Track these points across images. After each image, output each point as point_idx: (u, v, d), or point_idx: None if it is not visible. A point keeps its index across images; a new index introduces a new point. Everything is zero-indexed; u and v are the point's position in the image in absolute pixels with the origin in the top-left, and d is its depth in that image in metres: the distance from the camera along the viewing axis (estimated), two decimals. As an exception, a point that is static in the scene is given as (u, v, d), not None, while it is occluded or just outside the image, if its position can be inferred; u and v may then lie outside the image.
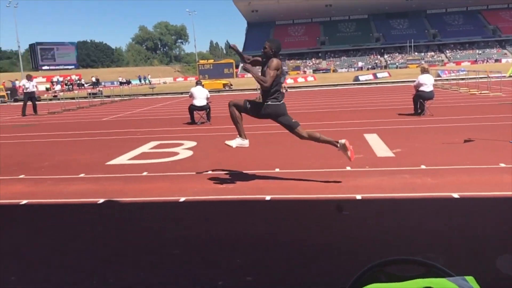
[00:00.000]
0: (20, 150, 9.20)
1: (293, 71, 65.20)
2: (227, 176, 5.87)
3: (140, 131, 10.87)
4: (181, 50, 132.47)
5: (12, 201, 5.19)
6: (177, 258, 3.37)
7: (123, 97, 27.53)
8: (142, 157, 7.54)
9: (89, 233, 4.08)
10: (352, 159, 5.30)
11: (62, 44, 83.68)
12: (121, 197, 5.05)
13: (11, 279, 3.17)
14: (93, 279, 3.10)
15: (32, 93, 18.07)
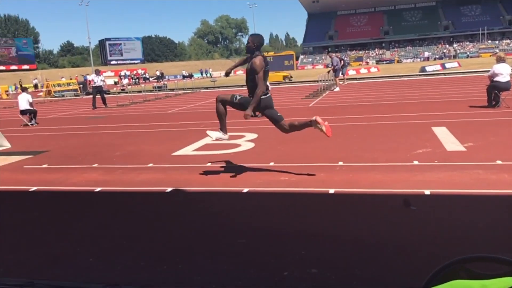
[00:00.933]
0: (93, 140, 9.77)
1: (355, 62, 63.66)
2: (289, 168, 5.87)
3: (203, 123, 11.14)
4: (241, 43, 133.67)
5: (87, 188, 5.54)
6: (243, 247, 3.43)
7: (186, 90, 28.34)
8: (205, 148, 7.73)
9: (158, 221, 4.26)
10: (329, 134, 5.28)
11: (129, 39, 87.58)
12: (187, 187, 5.22)
13: (90, 260, 3.40)
14: (163, 264, 3.24)
15: (100, 87, 19.06)
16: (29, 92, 14.58)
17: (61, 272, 3.25)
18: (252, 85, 5.35)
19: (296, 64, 62.38)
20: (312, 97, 16.95)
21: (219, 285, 2.85)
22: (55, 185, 5.80)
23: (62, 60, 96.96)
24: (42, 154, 8.20)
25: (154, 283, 2.93)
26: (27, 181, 6.13)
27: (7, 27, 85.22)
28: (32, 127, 13.26)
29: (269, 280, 2.91)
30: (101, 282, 2.89)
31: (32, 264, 3.45)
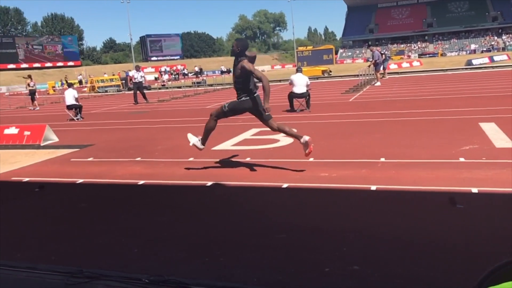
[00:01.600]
0: (135, 134, 10.04)
1: (397, 55, 62.02)
2: (330, 164, 5.81)
3: (240, 119, 11.17)
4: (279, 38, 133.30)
5: (131, 181, 5.71)
6: (283, 242, 3.43)
7: (224, 86, 28.57)
8: (244, 143, 7.78)
9: (199, 214, 4.33)
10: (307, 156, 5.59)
11: (169, 36, 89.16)
12: (227, 181, 5.28)
13: (134, 251, 3.50)
14: (205, 256, 3.29)
15: (140, 83, 19.49)
16: (74, 88, 15.15)
17: (107, 261, 3.37)
18: (240, 87, 5.59)
19: (335, 58, 61.48)
20: (352, 92, 16.67)
21: (260, 279, 2.87)
22: (100, 178, 6.01)
23: (105, 56, 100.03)
24: (88, 148, 8.51)
25: (196, 275, 2.98)
26: (74, 173, 6.39)
27: (54, 25, 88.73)
28: (78, 121, 13.78)
29: (309, 276, 2.89)
30: (146, 272, 2.98)
31: (80, 253, 3.59)
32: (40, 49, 73.67)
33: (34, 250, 3.72)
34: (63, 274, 3.11)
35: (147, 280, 2.90)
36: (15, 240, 4.00)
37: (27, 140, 9.54)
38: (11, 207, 5.08)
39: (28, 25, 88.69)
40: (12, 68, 68.01)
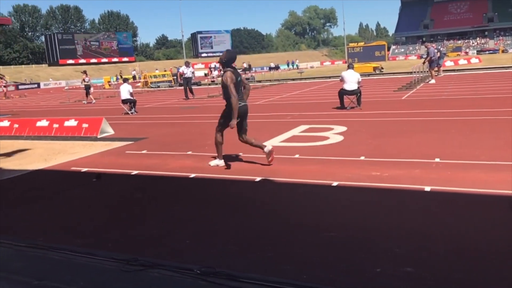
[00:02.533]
0: (186, 129, 10.28)
1: (453, 52, 59.44)
2: (381, 163, 5.67)
3: (290, 115, 11.18)
4: (329, 34, 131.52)
5: (183, 174, 5.86)
6: (333, 241, 3.40)
7: (273, 82, 28.60)
8: (293, 140, 7.75)
9: (248, 209, 4.38)
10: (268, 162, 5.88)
11: (219, 32, 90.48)
12: (276, 177, 5.29)
13: (186, 242, 3.60)
14: (254, 251, 3.33)
15: (189, 79, 19.87)
16: (129, 83, 15.71)
17: (160, 251, 3.48)
18: (226, 97, 5.84)
19: (387, 55, 59.78)
20: (405, 90, 16.17)
21: (310, 276, 2.86)
22: (153, 170, 6.21)
23: (157, 52, 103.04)
24: (142, 141, 8.81)
25: (246, 268, 3.02)
26: (129, 165, 6.64)
27: (110, 22, 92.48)
28: (132, 115, 14.29)
29: (361, 275, 2.85)
30: (197, 263, 3.06)
31: (135, 242, 3.73)
32: (97, 45, 77.01)
33: (92, 237, 3.91)
34: (119, 261, 3.25)
35: (198, 271, 2.98)
36: (75, 227, 4.22)
37: (85, 132, 10.02)
38: (71, 196, 5.37)
39: (86, 22, 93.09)
40: (71, 63, 71.58)
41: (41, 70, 69.07)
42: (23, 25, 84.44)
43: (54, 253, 3.49)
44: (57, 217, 4.57)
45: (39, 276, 3.07)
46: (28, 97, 33.88)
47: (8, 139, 10.44)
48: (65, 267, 3.25)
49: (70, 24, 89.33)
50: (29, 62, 76.78)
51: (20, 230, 4.16)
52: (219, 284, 2.82)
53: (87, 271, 3.14)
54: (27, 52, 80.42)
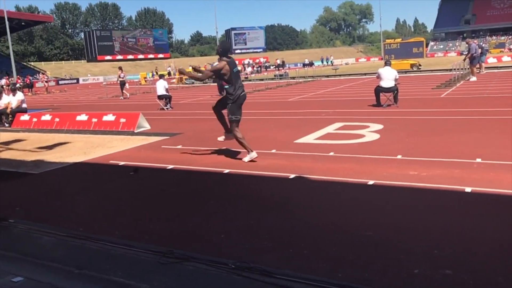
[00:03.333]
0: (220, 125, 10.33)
1: (495, 49, 57.18)
2: (419, 163, 5.53)
3: (324, 112, 11.07)
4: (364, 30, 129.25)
5: (217, 169, 5.91)
6: (369, 240, 3.35)
7: (307, 79, 28.40)
8: (328, 137, 7.67)
9: (282, 205, 4.37)
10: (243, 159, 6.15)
11: (253, 28, 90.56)
12: (311, 175, 5.25)
13: (221, 237, 3.63)
14: (289, 248, 3.32)
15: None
16: (165, 79, 15.97)
17: (195, 244, 3.52)
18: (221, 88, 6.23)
19: (425, 51, 58.15)
20: (444, 87, 15.70)
21: (345, 275, 2.83)
22: (188, 165, 6.30)
23: (192, 49, 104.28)
24: (177, 136, 8.95)
25: (280, 265, 3.01)
26: (165, 159, 6.76)
27: (146, 19, 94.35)
28: (167, 111, 14.53)
29: (397, 276, 2.79)
30: (231, 258, 3.07)
31: (170, 235, 3.80)
32: (133, 42, 78.69)
33: (129, 229, 4.01)
34: (156, 253, 3.31)
35: (233, 265, 3.00)
36: (113, 218, 4.34)
37: (123, 126, 10.27)
38: (109, 188, 5.52)
39: (123, 19, 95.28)
40: (109, 59, 73.44)
41: (80, 66, 71.31)
42: (64, 22, 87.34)
43: (93, 243, 3.60)
44: (96, 209, 4.71)
45: (79, 265, 3.18)
46: (67, 92, 35.05)
47: (49, 132, 10.83)
48: (103, 257, 3.35)
49: (108, 21, 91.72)
50: (69, 58, 79.42)
51: (61, 220, 4.31)
52: (254, 280, 2.83)
53: (125, 262, 3.22)
54: (67, 48, 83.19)
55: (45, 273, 3.11)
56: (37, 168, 6.77)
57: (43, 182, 6.06)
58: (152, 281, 2.87)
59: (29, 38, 77.67)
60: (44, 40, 79.70)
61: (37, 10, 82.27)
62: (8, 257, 3.44)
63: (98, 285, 2.90)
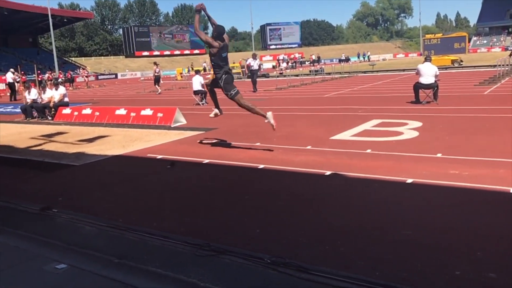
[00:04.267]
0: (254, 121, 10.31)
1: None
2: (460, 161, 5.35)
3: (361, 108, 10.89)
4: (403, 25, 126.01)
5: (252, 165, 5.92)
6: (408, 239, 3.27)
7: (343, 75, 28.01)
8: (364, 134, 7.54)
9: (318, 202, 4.34)
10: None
11: (288, 24, 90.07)
12: (347, 172, 5.18)
13: (256, 231, 3.64)
14: (325, 244, 3.29)
15: (256, 71, 19.89)
16: (201, 75, 16.14)
17: (230, 238, 3.55)
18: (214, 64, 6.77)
19: (467, 46, 56.11)
20: (487, 84, 15.11)
21: (383, 274, 2.77)
22: (224, 159, 6.34)
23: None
24: (212, 131, 9.03)
25: (316, 261, 2.99)
26: (200, 154, 6.84)
27: (183, 15, 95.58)
28: (203, 106, 14.69)
29: (437, 277, 2.72)
30: (266, 252, 3.08)
31: (206, 228, 3.84)
32: (170, 38, 79.90)
33: (166, 221, 4.09)
34: (193, 245, 3.36)
35: (269, 260, 3.00)
36: (151, 210, 4.43)
37: (160, 121, 10.46)
38: (147, 181, 5.64)
39: (161, 16, 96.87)
40: (146, 55, 74.91)
41: (119, 62, 73.08)
42: (103, 18, 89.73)
43: (132, 234, 3.69)
44: (134, 200, 4.82)
45: (119, 255, 3.27)
46: (106, 87, 36.05)
47: (89, 125, 11.17)
48: (142, 247, 3.43)
49: (145, 18, 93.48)
50: (108, 54, 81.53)
51: (101, 211, 4.44)
52: (289, 275, 2.83)
53: (162, 253, 3.29)
54: (106, 44, 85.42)
55: (86, 261, 3.21)
56: (78, 160, 7.01)
57: (84, 173, 6.26)
58: (189, 273, 2.91)
59: (70, 34, 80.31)
60: (84, 36, 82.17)
61: (78, 7, 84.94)
62: (52, 245, 3.58)
63: (136, 275, 2.97)
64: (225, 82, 6.77)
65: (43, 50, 61.04)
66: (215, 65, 6.78)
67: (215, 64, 6.78)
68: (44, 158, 7.37)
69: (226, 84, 6.78)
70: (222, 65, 6.75)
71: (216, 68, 6.77)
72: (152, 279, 2.90)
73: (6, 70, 30.55)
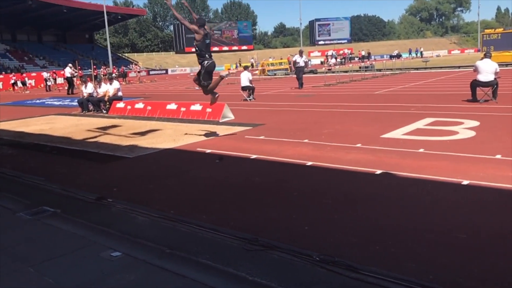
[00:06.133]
0: (302, 117, 10.31)
1: None
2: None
3: (414, 106, 10.54)
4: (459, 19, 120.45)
5: (299, 161, 5.90)
6: (463, 243, 3.15)
7: (394, 71, 27.21)
8: (417, 133, 7.30)
9: (367, 201, 4.25)
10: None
11: (337, 19, 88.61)
12: (399, 171, 5.04)
13: (305, 228, 3.62)
14: (375, 244, 3.23)
15: (302, 68, 19.64)
16: (249, 70, 16.23)
17: (279, 234, 3.55)
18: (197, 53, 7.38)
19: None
20: (551, 82, 14.18)
21: (436, 278, 2.68)
22: (271, 155, 6.35)
23: (275, 41, 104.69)
24: (259, 127, 9.07)
25: (366, 261, 2.94)
26: (248, 149, 6.89)
27: (232, 12, 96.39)
28: (250, 102, 14.78)
29: (496, 284, 2.60)
30: (315, 250, 3.06)
31: (254, 223, 3.87)
32: (219, 34, 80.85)
33: (216, 214, 4.15)
34: (241, 239, 3.40)
35: (317, 258, 2.98)
36: (200, 203, 4.53)
37: (208, 116, 10.64)
38: (197, 175, 5.75)
39: (210, 12, 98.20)
40: (196, 51, 76.22)
41: (169, 57, 74.90)
42: (155, 15, 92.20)
43: (182, 226, 3.79)
44: (185, 193, 4.94)
45: (170, 245, 3.36)
46: (157, 82, 37.08)
47: (142, 119, 11.55)
48: (192, 239, 3.51)
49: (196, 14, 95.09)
50: (158, 50, 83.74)
51: (153, 202, 4.59)
52: (339, 274, 2.80)
53: (212, 246, 3.35)
54: (158, 40, 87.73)
55: (140, 250, 3.33)
56: (132, 152, 7.27)
57: (137, 165, 6.49)
58: (238, 266, 2.95)
59: (124, 30, 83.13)
60: (137, 33, 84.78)
61: (132, 4, 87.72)
62: (107, 233, 3.74)
63: (187, 266, 3.04)
64: (207, 70, 7.40)
65: (98, 46, 63.63)
66: (199, 53, 7.36)
67: (199, 52, 7.35)
68: (100, 149, 7.71)
69: (207, 73, 7.43)
70: (205, 52, 7.38)
71: (200, 57, 7.37)
72: (202, 271, 2.96)
73: (64, 65, 32.16)
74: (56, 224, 4.00)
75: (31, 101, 22.06)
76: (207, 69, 7.37)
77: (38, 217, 4.21)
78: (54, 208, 4.40)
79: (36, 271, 3.06)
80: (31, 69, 43.52)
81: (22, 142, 9.25)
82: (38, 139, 9.36)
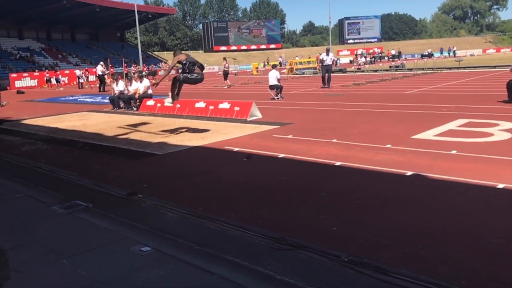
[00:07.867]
0: (330, 116, 10.22)
1: None
2: (561, 167, 4.87)
3: (446, 107, 10.29)
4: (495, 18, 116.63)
5: (328, 161, 5.85)
6: (498, 248, 3.06)
7: (425, 71, 26.62)
8: (449, 134, 7.13)
9: (399, 202, 4.19)
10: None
11: (368, 18, 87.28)
12: (430, 173, 4.94)
13: (333, 229, 3.59)
14: (405, 247, 3.17)
15: (329, 66, 19.38)
16: (277, 69, 16.20)
17: (306, 234, 3.54)
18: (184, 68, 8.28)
19: None
20: None
21: (469, 282, 2.62)
22: (299, 155, 6.33)
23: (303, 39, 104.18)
24: (287, 126, 9.05)
25: (396, 264, 2.89)
26: (275, 148, 6.89)
27: (261, 10, 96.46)
28: (278, 101, 14.75)
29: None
30: (343, 251, 3.03)
31: (282, 222, 3.87)
32: (247, 33, 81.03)
33: (243, 212, 4.17)
34: (269, 238, 3.41)
35: (346, 258, 2.95)
36: (229, 201, 4.56)
37: (236, 114, 10.68)
38: (226, 172, 5.80)
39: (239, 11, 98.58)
40: (224, 50, 76.67)
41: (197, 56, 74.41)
42: (184, 14, 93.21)
43: (211, 223, 3.82)
44: (213, 190, 4.99)
45: (199, 242, 3.40)
46: (187, 80, 37.38)
47: (171, 117, 11.71)
48: (220, 236, 3.54)
49: (224, 13, 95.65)
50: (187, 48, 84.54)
51: (182, 199, 4.65)
52: (367, 275, 2.77)
53: (240, 243, 3.37)
54: (187, 39, 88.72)
55: (169, 246, 3.38)
56: (161, 149, 7.38)
57: (166, 162, 6.59)
58: (265, 265, 2.96)
59: (154, 29, 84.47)
60: (166, 31, 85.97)
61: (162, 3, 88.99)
62: (138, 228, 3.81)
63: (215, 263, 3.07)
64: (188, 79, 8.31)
65: (129, 44, 64.83)
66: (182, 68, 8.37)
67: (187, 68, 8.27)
68: (130, 146, 7.86)
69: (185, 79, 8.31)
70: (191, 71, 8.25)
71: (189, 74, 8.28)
72: (230, 268, 2.98)
73: (96, 63, 32.93)
74: (88, 218, 4.11)
75: (64, 98, 22.70)
76: (188, 81, 8.34)
77: (71, 211, 4.34)
78: (86, 202, 4.51)
79: (70, 264, 3.15)
80: (64, 66, 44.74)
81: (56, 137, 9.54)
82: (71, 135, 9.63)
